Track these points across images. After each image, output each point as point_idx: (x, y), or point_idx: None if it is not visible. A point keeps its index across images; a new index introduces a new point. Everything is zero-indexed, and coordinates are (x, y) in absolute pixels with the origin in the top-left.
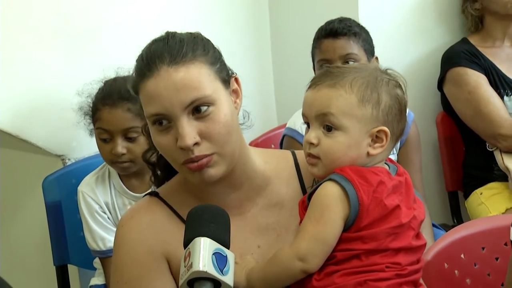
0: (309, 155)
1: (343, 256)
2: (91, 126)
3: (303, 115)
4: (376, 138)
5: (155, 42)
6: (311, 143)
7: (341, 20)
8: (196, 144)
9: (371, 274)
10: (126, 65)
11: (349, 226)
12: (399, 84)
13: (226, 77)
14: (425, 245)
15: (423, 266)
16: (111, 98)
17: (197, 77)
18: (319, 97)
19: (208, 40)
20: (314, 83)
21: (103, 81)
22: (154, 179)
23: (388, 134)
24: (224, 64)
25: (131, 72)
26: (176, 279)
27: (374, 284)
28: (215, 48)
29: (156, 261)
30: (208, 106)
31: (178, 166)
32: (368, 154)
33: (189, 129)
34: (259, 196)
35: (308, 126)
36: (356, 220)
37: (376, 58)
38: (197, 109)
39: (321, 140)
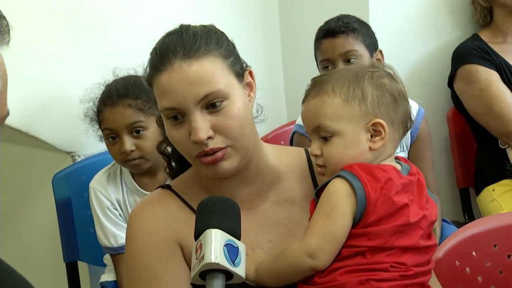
0: (317, 166)
1: (348, 253)
2: (100, 132)
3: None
4: (374, 132)
5: (169, 35)
6: (316, 155)
7: (339, 18)
8: (210, 138)
9: (375, 273)
10: (128, 64)
11: (356, 222)
12: (387, 73)
13: (240, 70)
14: (435, 246)
15: (432, 268)
16: (110, 97)
17: (210, 71)
18: (308, 111)
19: (222, 33)
20: (304, 96)
21: (104, 85)
22: (169, 171)
23: (384, 125)
24: (238, 57)
25: (129, 72)
26: (189, 266)
27: (376, 284)
28: (229, 41)
29: (170, 247)
30: (222, 100)
31: (192, 159)
32: (370, 149)
33: (202, 123)
34: (270, 191)
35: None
36: (363, 216)
37: (380, 51)
38: (210, 104)
39: (322, 149)
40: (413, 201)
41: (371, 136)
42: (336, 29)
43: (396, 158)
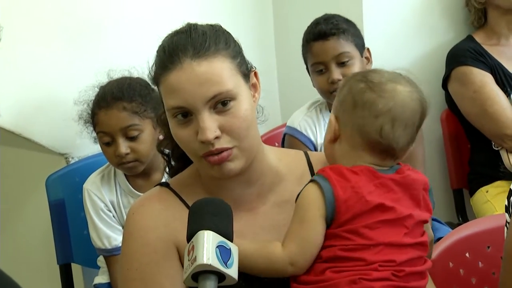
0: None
1: (328, 253)
2: (94, 134)
3: None
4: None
5: (177, 33)
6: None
7: (326, 18)
8: (217, 138)
9: (366, 273)
10: (122, 66)
11: (330, 222)
12: (365, 79)
13: (246, 71)
14: (424, 243)
15: (428, 267)
16: (105, 100)
17: (220, 71)
18: None
19: (229, 33)
20: None
21: (98, 87)
22: (168, 170)
23: (333, 121)
24: (244, 58)
25: (124, 74)
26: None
27: (368, 284)
28: (236, 41)
29: (167, 248)
30: (230, 100)
31: (197, 158)
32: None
33: (210, 123)
34: (271, 193)
35: None
36: (336, 216)
37: (368, 49)
38: (218, 104)
39: None
40: (394, 199)
41: None
42: (327, 32)
43: None
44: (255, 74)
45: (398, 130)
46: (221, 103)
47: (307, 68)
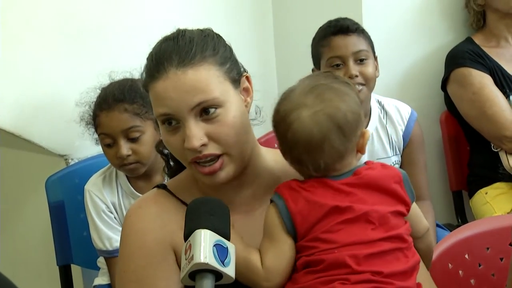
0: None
1: (300, 262)
2: (96, 135)
3: None
4: None
5: (166, 40)
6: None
7: (344, 19)
8: (204, 145)
9: (344, 277)
10: (124, 67)
11: (295, 236)
12: (278, 108)
13: (237, 76)
14: (398, 235)
15: (415, 263)
16: (106, 102)
17: (205, 79)
18: None
19: (220, 38)
20: None
21: (100, 88)
22: (167, 170)
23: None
24: (235, 62)
25: (125, 76)
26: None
27: (351, 287)
28: (226, 45)
29: (163, 250)
30: (216, 108)
31: (187, 164)
32: None
33: (196, 131)
34: (267, 195)
35: None
36: (296, 228)
37: (376, 58)
38: (205, 111)
39: None
40: (353, 201)
41: None
42: (350, 27)
43: None
44: (247, 78)
45: (316, 155)
46: (207, 110)
47: (317, 66)
